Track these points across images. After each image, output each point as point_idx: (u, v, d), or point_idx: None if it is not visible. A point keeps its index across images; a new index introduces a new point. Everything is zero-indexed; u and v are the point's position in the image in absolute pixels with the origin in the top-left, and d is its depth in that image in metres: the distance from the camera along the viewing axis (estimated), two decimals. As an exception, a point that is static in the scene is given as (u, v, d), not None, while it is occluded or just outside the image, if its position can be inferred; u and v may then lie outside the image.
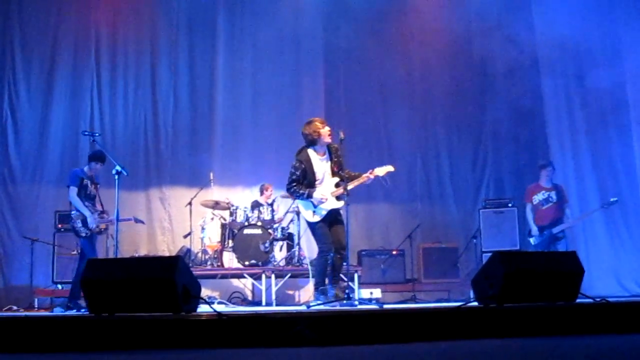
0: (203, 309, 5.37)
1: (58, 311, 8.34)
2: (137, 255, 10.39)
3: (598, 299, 5.31)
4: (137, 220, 9.48)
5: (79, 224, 8.39)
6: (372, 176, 7.60)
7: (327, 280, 7.55)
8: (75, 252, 9.53)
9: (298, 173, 7.61)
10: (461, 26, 11.63)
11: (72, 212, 8.49)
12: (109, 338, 4.33)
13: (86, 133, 8.72)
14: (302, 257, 9.96)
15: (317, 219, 7.57)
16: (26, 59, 11.12)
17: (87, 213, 8.37)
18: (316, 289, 7.66)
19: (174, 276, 4.67)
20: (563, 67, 11.62)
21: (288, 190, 7.70)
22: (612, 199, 9.63)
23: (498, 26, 11.63)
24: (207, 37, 11.81)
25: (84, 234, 8.38)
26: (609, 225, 11.14)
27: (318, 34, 12.07)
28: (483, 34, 11.78)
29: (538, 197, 9.70)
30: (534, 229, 9.60)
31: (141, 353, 4.18)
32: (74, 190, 8.42)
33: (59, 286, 9.86)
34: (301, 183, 7.61)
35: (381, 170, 7.60)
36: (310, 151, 7.66)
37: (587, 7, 11.00)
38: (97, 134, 8.75)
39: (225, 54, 11.77)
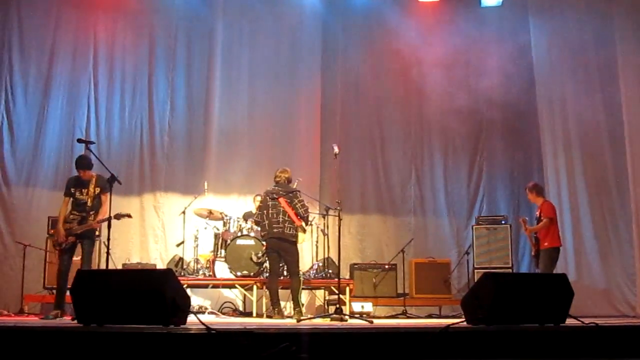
0: (193, 318, 5.35)
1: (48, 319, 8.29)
2: (129, 262, 10.38)
3: (587, 322, 5.31)
4: (119, 217, 8.32)
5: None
6: None
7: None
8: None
9: None
10: (459, 43, 11.68)
11: None
12: (97, 349, 4.32)
13: (81, 141, 8.61)
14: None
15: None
16: (24, 64, 11.10)
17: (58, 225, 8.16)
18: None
19: (163, 290, 4.66)
20: (559, 89, 11.62)
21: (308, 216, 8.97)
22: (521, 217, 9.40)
23: (496, 42, 11.74)
24: (205, 47, 11.83)
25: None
26: (601, 245, 11.10)
27: (316, 47, 12.10)
28: (481, 52, 11.86)
29: None
30: None
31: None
32: (63, 200, 8.23)
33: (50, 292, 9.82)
34: None
35: None
36: None
37: (585, 38, 11.03)
38: (91, 142, 8.70)
39: (223, 64, 11.77)
